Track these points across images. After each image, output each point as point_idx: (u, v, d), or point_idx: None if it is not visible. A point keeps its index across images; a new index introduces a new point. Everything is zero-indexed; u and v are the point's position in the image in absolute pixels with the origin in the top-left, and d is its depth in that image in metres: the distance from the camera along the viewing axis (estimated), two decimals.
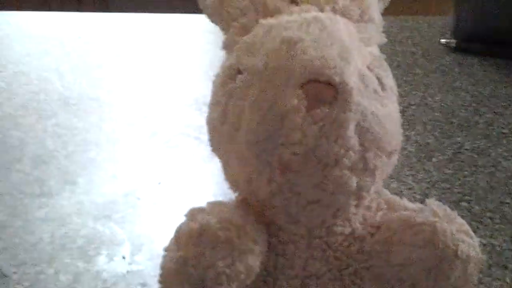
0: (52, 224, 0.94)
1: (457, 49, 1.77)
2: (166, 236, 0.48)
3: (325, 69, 0.42)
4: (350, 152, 0.43)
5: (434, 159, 1.14)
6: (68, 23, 1.99)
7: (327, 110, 0.42)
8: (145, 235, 0.92)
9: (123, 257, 0.86)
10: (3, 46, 1.84)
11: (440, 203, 0.49)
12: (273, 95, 0.43)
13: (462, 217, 0.91)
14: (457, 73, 1.62)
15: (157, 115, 1.39)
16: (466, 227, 0.48)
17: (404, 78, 1.56)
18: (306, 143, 0.42)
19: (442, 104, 1.41)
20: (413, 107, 1.39)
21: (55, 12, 2.10)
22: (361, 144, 0.43)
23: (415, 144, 1.20)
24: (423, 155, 1.16)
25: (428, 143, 1.21)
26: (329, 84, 0.42)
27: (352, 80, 0.43)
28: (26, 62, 1.68)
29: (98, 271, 0.84)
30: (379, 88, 0.45)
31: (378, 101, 0.45)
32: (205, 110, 0.50)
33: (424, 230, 0.47)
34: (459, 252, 0.46)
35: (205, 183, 1.05)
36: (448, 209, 0.49)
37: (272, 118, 0.42)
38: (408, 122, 1.29)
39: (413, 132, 1.25)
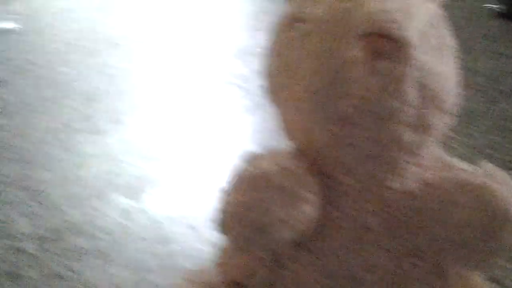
0: (100, 160, 0.96)
1: (502, 15, 1.73)
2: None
3: (387, 23, 0.41)
4: (408, 107, 0.42)
5: (479, 124, 1.13)
6: None
7: (388, 64, 0.41)
8: (189, 177, 0.92)
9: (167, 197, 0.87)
10: None
11: (495, 166, 0.48)
12: (333, 45, 0.42)
13: None
14: (501, 38, 1.58)
15: (199, 62, 1.38)
16: None
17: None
18: (364, 96, 0.41)
19: (486, 70, 1.38)
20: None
21: None
22: (419, 100, 0.43)
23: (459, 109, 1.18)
24: (468, 119, 1.14)
25: (473, 108, 1.19)
26: (391, 38, 0.42)
27: (414, 36, 0.42)
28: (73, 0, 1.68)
29: (144, 209, 0.85)
30: (439, 45, 0.45)
31: (437, 58, 0.44)
32: (248, 60, 0.49)
33: (480, 192, 0.46)
34: (511, 215, 0.46)
35: (248, 132, 1.05)
36: (502, 172, 0.48)
37: (331, 69, 0.41)
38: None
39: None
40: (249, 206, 0.44)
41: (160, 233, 0.79)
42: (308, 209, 0.45)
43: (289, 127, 0.48)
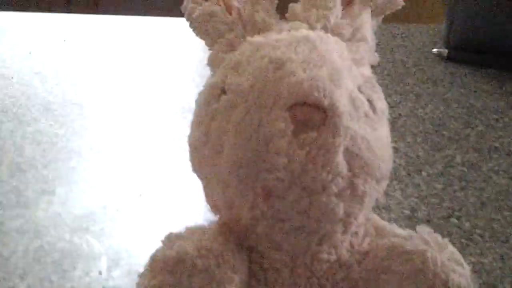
0: (27, 236, 0.93)
1: (449, 59, 1.77)
2: (145, 252, 0.47)
3: (314, 92, 0.41)
4: (338, 178, 0.42)
5: (423, 173, 1.13)
6: (55, 25, 1.97)
7: (315, 135, 0.41)
8: (124, 249, 0.90)
9: (100, 272, 0.85)
10: None
11: (431, 231, 0.48)
12: (258, 118, 0.42)
13: (452, 234, 0.91)
14: (448, 83, 1.61)
15: (142, 123, 1.37)
16: (458, 255, 0.47)
17: (395, 88, 1.56)
18: (292, 169, 0.41)
19: (433, 116, 1.41)
20: (403, 118, 1.39)
21: (41, 13, 2.07)
22: (350, 170, 0.43)
23: (404, 157, 1.19)
24: (413, 168, 1.15)
25: (418, 156, 1.20)
26: (318, 107, 0.41)
27: (342, 103, 0.42)
28: (8, 65, 1.65)
29: (73, 286, 0.82)
30: (370, 111, 0.45)
31: (368, 125, 0.44)
32: (191, 119, 0.49)
33: (414, 259, 0.46)
34: (449, 283, 0.45)
35: (189, 196, 1.04)
36: (440, 237, 0.48)
37: (257, 142, 0.41)
38: (398, 133, 1.29)
39: (402, 144, 1.25)
40: None
41: None
42: None
43: (214, 201, 0.48)
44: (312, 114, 0.41)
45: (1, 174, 1.10)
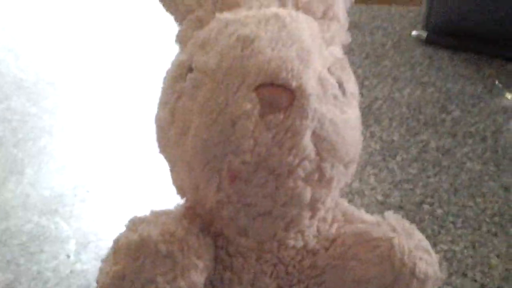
0: None
1: (428, 42, 1.76)
2: (114, 235, 0.46)
3: (281, 72, 0.40)
4: (305, 161, 0.41)
5: (398, 158, 1.13)
6: (30, 1, 1.93)
7: (282, 117, 0.40)
8: (93, 232, 0.89)
9: (68, 256, 0.84)
10: None
11: (399, 217, 0.48)
12: (224, 98, 0.40)
13: (424, 220, 0.90)
14: (426, 67, 1.61)
15: (113, 104, 1.35)
16: (425, 243, 0.47)
17: (372, 71, 1.55)
18: (258, 151, 0.40)
19: (410, 100, 1.40)
20: (380, 101, 1.38)
21: None
22: (317, 154, 0.42)
23: (379, 141, 1.18)
24: (387, 153, 1.14)
25: (393, 140, 1.20)
26: (285, 88, 0.40)
27: (310, 85, 0.41)
28: None
29: (39, 270, 0.81)
30: (339, 93, 0.44)
31: (337, 107, 0.43)
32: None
33: (381, 246, 0.45)
34: (416, 271, 0.45)
35: (161, 179, 1.02)
36: (407, 224, 0.47)
37: (222, 123, 0.40)
38: (373, 117, 1.28)
39: (378, 128, 1.24)
40: (123, 276, 0.41)
41: None
42: (194, 276, 0.43)
43: (179, 184, 0.46)
44: (280, 95, 0.40)
45: None
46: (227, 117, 0.40)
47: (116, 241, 0.44)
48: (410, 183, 1.04)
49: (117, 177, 1.04)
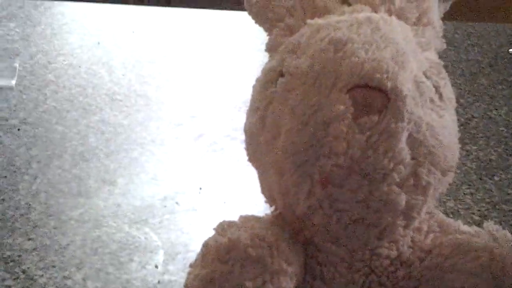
0: (86, 226, 0.93)
1: None
2: None
3: (376, 73, 0.39)
4: (400, 166, 0.40)
5: (496, 178, 1.09)
6: (124, 17, 1.99)
7: (376, 119, 0.39)
8: (181, 243, 0.89)
9: (156, 266, 0.84)
10: (56, 37, 1.83)
11: (499, 227, 0.46)
12: (317, 100, 0.40)
13: None
14: None
15: (205, 117, 1.36)
16: None
17: (468, 88, 1.50)
18: (351, 155, 0.39)
19: (508, 118, 1.35)
20: (476, 119, 1.34)
21: (112, 5, 2.09)
22: (413, 158, 0.40)
23: (476, 160, 1.14)
24: (484, 172, 1.10)
25: (490, 160, 1.15)
26: (380, 90, 0.39)
27: (406, 87, 0.40)
28: (77, 54, 1.67)
29: (128, 279, 0.82)
30: (436, 97, 0.42)
31: (434, 111, 0.41)
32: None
33: (481, 256, 0.43)
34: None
35: (250, 191, 1.02)
36: (509, 234, 0.45)
37: (315, 126, 0.39)
38: (469, 135, 1.24)
39: (474, 147, 1.20)
40: (212, 280, 0.41)
41: None
42: (283, 282, 0.41)
43: (269, 191, 0.46)
44: (374, 97, 0.39)
45: (63, 163, 1.11)
46: (319, 119, 0.39)
47: (205, 245, 0.43)
48: (509, 204, 0.99)
49: (206, 189, 1.05)
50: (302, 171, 0.40)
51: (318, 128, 0.39)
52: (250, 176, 0.50)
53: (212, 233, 0.46)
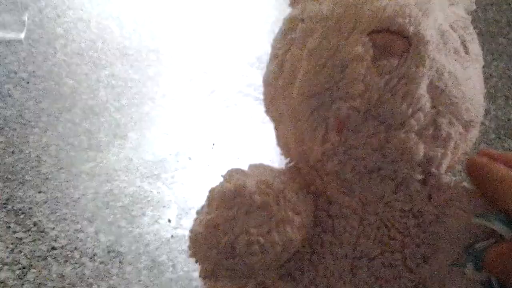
0: (97, 180, 0.93)
1: None
2: None
3: (398, 18, 0.38)
4: (420, 113, 0.38)
5: None
6: None
7: (396, 62, 0.38)
8: (194, 198, 0.90)
9: (169, 220, 0.84)
10: None
11: None
12: (336, 42, 0.39)
13: None
14: None
15: (217, 72, 1.36)
16: None
17: (486, 48, 1.48)
18: (368, 98, 0.38)
19: None
20: (495, 78, 1.32)
21: None
22: (434, 106, 0.39)
23: (494, 119, 1.13)
24: (503, 131, 1.09)
25: (509, 119, 1.14)
26: (402, 35, 0.38)
27: (429, 33, 0.38)
28: (87, 9, 1.66)
29: (141, 233, 0.82)
30: (461, 49, 0.41)
31: (458, 62, 0.40)
32: (264, 69, 0.47)
33: None
34: None
35: (262, 146, 1.02)
36: None
37: (332, 67, 0.38)
38: (488, 94, 1.23)
39: (493, 106, 1.19)
40: (216, 225, 0.40)
41: (154, 260, 0.76)
42: (290, 231, 0.40)
43: (284, 141, 0.45)
44: (395, 41, 0.38)
45: (74, 116, 1.11)
46: (337, 61, 0.38)
47: (211, 191, 0.42)
48: None
49: (219, 144, 1.04)
50: (318, 115, 0.39)
51: (335, 70, 0.38)
52: (263, 132, 0.49)
53: None
